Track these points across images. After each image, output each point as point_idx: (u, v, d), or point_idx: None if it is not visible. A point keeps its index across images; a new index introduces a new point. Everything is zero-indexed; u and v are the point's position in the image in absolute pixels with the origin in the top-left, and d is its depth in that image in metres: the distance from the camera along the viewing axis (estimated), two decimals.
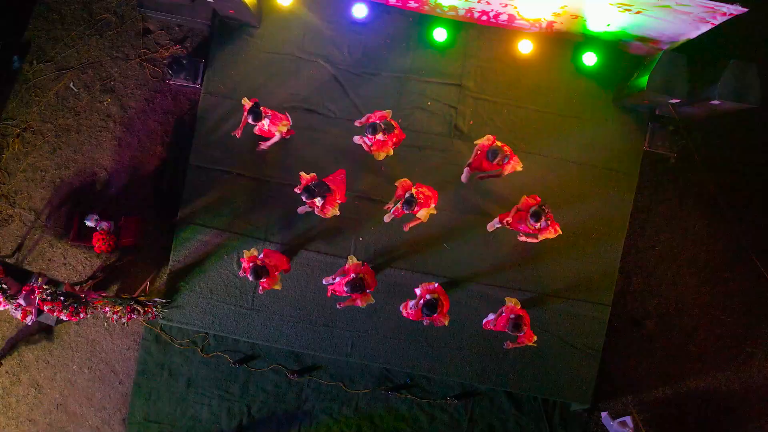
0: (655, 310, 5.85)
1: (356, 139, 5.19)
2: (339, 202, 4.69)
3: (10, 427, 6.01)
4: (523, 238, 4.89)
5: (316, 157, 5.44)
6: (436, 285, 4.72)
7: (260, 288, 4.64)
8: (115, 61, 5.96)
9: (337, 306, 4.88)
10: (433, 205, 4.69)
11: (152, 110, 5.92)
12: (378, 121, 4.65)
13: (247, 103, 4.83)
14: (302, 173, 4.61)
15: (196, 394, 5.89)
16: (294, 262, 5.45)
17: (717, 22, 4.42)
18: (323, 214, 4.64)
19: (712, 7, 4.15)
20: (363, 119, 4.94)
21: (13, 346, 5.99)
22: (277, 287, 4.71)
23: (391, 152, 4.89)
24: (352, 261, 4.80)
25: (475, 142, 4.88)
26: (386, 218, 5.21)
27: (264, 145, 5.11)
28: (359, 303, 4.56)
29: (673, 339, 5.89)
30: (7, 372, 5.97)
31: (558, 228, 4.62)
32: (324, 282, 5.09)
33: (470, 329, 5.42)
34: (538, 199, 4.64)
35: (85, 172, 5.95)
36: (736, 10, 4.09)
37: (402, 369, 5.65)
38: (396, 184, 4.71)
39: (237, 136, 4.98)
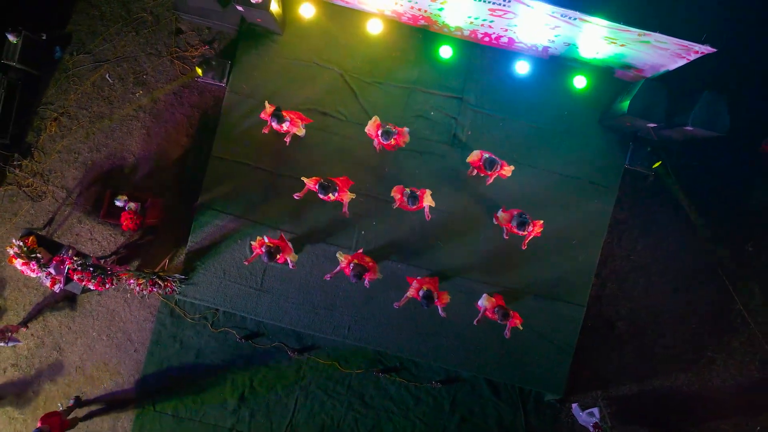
0: (627, 314, 6.41)
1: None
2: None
3: (33, 385, 6.57)
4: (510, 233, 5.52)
5: (327, 155, 6.01)
6: (426, 279, 5.31)
7: (288, 260, 5.27)
8: (149, 57, 6.52)
9: (325, 277, 5.52)
10: (429, 192, 5.29)
11: (180, 104, 6.48)
12: (389, 127, 5.23)
13: (268, 107, 5.40)
14: (304, 178, 5.18)
15: (204, 366, 6.45)
16: (302, 250, 6.01)
17: (691, 58, 4.97)
18: (343, 200, 5.27)
19: (686, 46, 4.71)
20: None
21: (39, 311, 6.56)
22: (293, 258, 5.29)
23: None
24: (341, 257, 5.36)
25: (467, 160, 5.44)
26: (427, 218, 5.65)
27: (287, 139, 5.69)
28: (367, 282, 5.18)
29: (641, 341, 6.44)
30: (32, 335, 6.53)
31: (541, 224, 5.23)
32: (326, 278, 5.60)
33: (456, 320, 5.95)
34: (517, 209, 5.28)
35: (115, 156, 6.51)
36: (707, 49, 4.64)
37: (393, 353, 6.21)
38: (393, 195, 5.31)
39: (265, 132, 5.60)
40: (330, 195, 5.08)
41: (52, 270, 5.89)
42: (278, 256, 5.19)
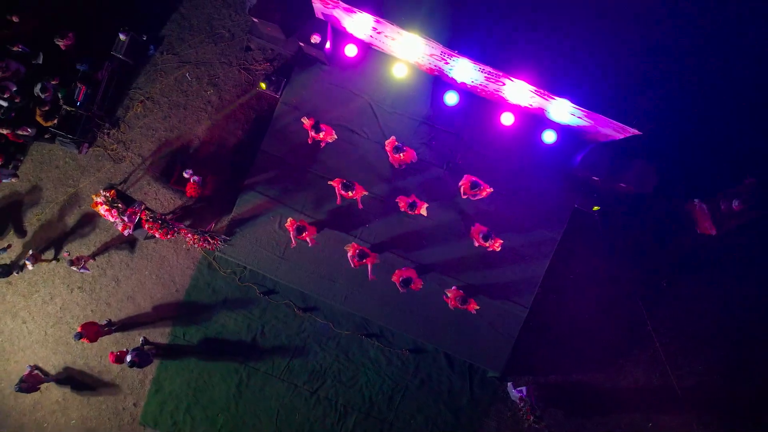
0: (561, 321, 8.16)
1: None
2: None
3: (92, 305, 8.35)
4: (478, 244, 7.29)
5: (348, 164, 7.78)
6: (412, 269, 7.11)
7: (307, 239, 7.03)
8: (222, 65, 8.31)
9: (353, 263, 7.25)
10: (424, 207, 7.10)
11: (241, 105, 8.26)
12: (399, 144, 7.05)
13: (306, 121, 7.19)
14: (330, 182, 6.98)
15: (228, 310, 8.23)
16: (319, 234, 7.77)
17: (627, 135, 6.74)
18: (358, 197, 7.07)
19: (622, 127, 6.48)
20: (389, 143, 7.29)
21: (106, 248, 8.34)
22: (312, 243, 7.11)
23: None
24: (349, 247, 7.13)
25: (459, 184, 7.24)
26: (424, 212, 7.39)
27: (323, 143, 7.47)
28: (370, 264, 7.01)
29: (569, 343, 8.19)
30: (98, 266, 8.31)
31: (500, 242, 7.01)
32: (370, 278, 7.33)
33: (429, 304, 7.71)
34: (483, 228, 7.06)
35: (184, 138, 8.30)
36: (634, 131, 6.41)
37: (376, 322, 7.99)
38: (397, 201, 7.13)
39: (310, 142, 7.41)
40: (349, 192, 6.88)
41: (125, 217, 7.68)
42: (304, 234, 6.97)
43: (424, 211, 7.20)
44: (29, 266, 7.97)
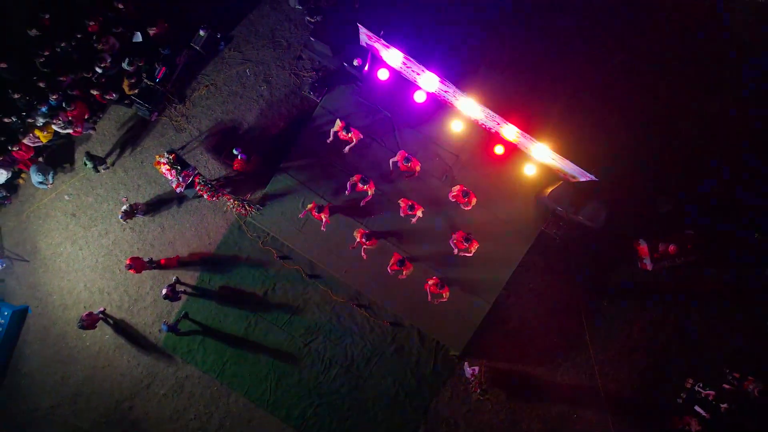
0: (516, 318, 9.95)
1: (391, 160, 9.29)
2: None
3: (138, 245, 10.16)
4: (457, 253, 9.07)
5: (366, 164, 9.59)
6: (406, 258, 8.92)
7: (322, 218, 8.79)
8: (276, 67, 10.12)
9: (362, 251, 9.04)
10: (420, 211, 8.90)
11: (287, 102, 10.08)
12: (408, 156, 8.85)
13: (339, 123, 8.99)
14: (352, 180, 8.79)
15: (248, 266, 10.02)
16: (332, 216, 9.56)
17: (587, 179, 8.55)
18: (369, 191, 8.86)
19: (583, 172, 8.29)
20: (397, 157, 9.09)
21: (158, 201, 10.14)
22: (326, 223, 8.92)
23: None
24: (356, 232, 8.91)
25: (453, 189, 9.04)
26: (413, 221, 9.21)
27: (346, 149, 9.26)
28: (372, 247, 8.77)
29: (520, 338, 9.97)
30: (147, 213, 10.11)
31: (476, 244, 8.81)
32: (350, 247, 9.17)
33: (412, 288, 9.49)
34: (465, 233, 8.85)
35: (236, 121, 10.11)
36: (592, 177, 8.22)
37: (367, 295, 9.79)
38: (399, 202, 8.91)
39: (328, 141, 9.19)
40: (365, 186, 8.70)
41: (180, 178, 9.48)
42: (321, 213, 8.76)
43: (420, 213, 9.01)
44: (103, 170, 9.92)
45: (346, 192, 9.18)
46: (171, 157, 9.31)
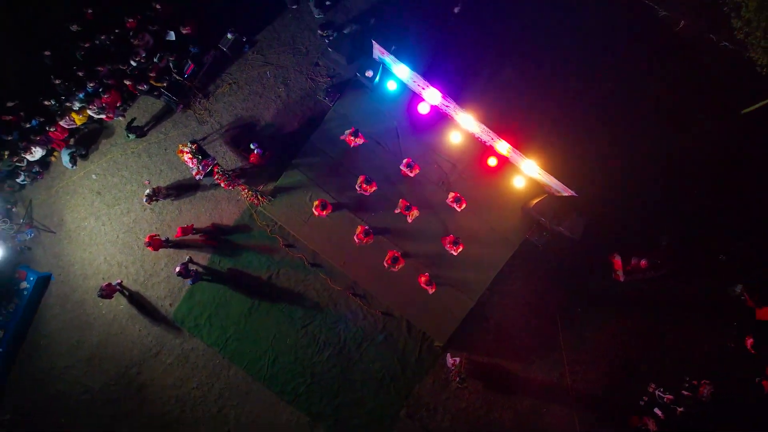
0: (496, 316, 10.86)
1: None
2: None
3: (157, 224, 11.07)
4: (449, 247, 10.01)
5: (371, 166, 10.50)
6: (399, 253, 9.86)
7: (324, 215, 9.74)
8: (295, 71, 11.04)
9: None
10: (415, 211, 9.82)
11: (302, 104, 11.00)
12: (411, 162, 9.79)
13: (348, 132, 9.90)
14: (359, 180, 9.73)
15: (255, 252, 10.93)
16: (336, 212, 10.47)
17: (568, 194, 9.47)
18: (370, 191, 9.80)
19: (565, 188, 9.21)
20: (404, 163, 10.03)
21: (178, 186, 11.05)
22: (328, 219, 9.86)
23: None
24: (358, 228, 9.85)
25: (449, 196, 9.97)
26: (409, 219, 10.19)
27: (355, 144, 10.17)
28: (370, 242, 9.71)
29: (499, 335, 10.88)
30: (168, 196, 11.01)
31: (463, 247, 9.73)
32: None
33: (404, 282, 10.39)
34: (453, 237, 9.77)
35: (254, 118, 11.03)
36: (572, 193, 9.14)
37: (363, 285, 10.69)
38: (398, 203, 9.85)
39: (349, 144, 10.12)
40: (368, 186, 9.62)
41: (201, 166, 10.40)
42: (324, 210, 9.69)
43: (416, 213, 9.94)
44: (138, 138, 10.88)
45: (358, 190, 10.11)
46: (193, 147, 10.22)
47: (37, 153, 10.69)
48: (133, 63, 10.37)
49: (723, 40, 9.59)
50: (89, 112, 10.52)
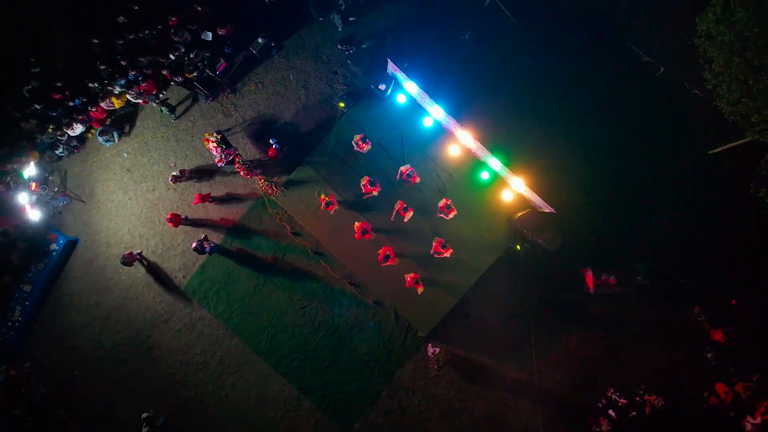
0: (473, 313, 11.98)
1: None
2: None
3: (178, 202, 12.22)
4: (435, 251, 11.16)
5: (375, 170, 11.65)
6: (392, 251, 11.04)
7: (330, 211, 10.90)
8: (315, 77, 12.21)
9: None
10: (411, 212, 10.99)
11: (319, 107, 12.16)
12: (411, 170, 10.95)
13: (357, 138, 11.07)
14: (362, 181, 10.88)
15: (265, 236, 12.09)
16: (340, 207, 11.62)
17: (548, 210, 10.63)
18: (375, 191, 10.94)
19: (545, 204, 10.37)
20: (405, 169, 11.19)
21: (200, 170, 12.21)
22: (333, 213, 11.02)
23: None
24: (358, 224, 11.01)
25: (439, 203, 11.13)
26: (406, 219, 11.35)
27: (362, 149, 11.33)
28: (369, 237, 10.86)
29: (478, 331, 12.01)
30: (190, 179, 12.17)
31: (451, 251, 10.89)
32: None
33: (395, 276, 11.53)
34: (443, 240, 10.94)
35: (275, 116, 12.20)
36: (552, 209, 10.30)
37: (359, 277, 11.84)
38: (396, 205, 11.03)
39: (362, 150, 11.28)
40: (372, 188, 10.79)
41: (224, 155, 11.55)
42: (329, 207, 10.86)
43: (410, 215, 11.10)
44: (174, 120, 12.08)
45: (362, 190, 11.25)
46: (218, 137, 11.38)
47: (78, 129, 11.85)
48: (171, 57, 11.53)
49: (695, 88, 10.74)
50: (128, 96, 11.67)
